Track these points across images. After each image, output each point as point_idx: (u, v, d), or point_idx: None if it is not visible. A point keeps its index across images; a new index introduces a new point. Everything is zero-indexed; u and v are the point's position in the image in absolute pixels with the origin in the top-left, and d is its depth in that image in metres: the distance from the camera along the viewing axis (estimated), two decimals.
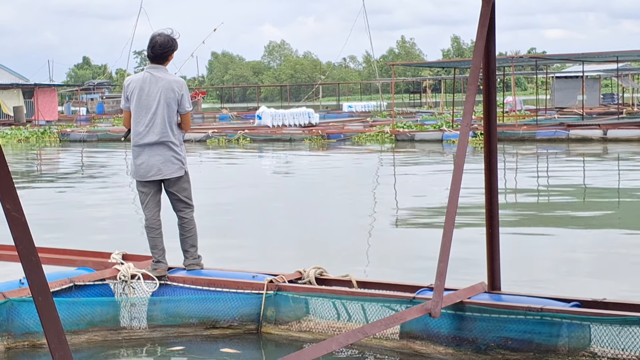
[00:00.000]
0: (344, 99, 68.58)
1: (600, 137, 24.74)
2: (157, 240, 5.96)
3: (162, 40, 5.93)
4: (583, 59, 31.52)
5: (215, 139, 29.42)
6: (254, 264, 7.13)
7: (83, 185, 16.64)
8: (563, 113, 38.06)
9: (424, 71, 73.56)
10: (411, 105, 59.66)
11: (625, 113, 35.05)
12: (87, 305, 5.54)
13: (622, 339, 4.52)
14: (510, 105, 38.69)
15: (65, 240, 8.59)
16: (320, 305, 5.46)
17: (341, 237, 9.75)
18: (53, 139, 33.39)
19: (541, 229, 9.98)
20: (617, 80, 46.30)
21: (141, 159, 5.90)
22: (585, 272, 7.57)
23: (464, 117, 4.94)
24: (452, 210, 4.80)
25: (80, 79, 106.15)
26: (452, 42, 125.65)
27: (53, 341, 2.57)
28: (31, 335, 5.29)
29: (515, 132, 26.10)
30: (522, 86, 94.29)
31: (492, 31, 5.06)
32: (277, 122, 32.63)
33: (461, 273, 6.45)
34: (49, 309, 2.56)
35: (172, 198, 6.01)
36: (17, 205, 2.57)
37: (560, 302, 4.89)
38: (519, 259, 7.92)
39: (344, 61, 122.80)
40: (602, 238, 9.19)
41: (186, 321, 5.63)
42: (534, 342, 4.74)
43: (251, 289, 5.64)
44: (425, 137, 27.22)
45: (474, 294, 5.11)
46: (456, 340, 4.95)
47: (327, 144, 27.56)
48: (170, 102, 5.88)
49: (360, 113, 50.29)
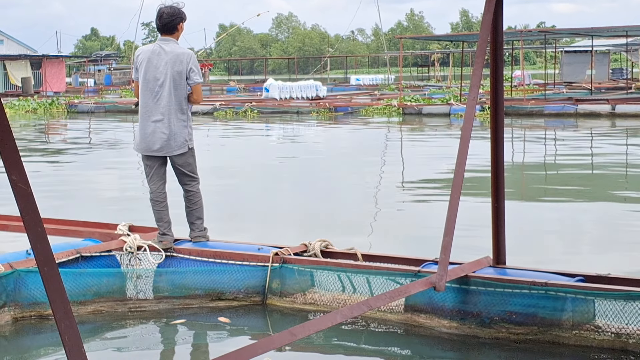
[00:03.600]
0: (352, 72, 68.26)
1: (608, 112, 24.62)
2: (162, 213, 5.98)
3: (168, 11, 5.92)
4: (592, 34, 31.27)
5: (222, 111, 29.38)
6: (260, 237, 7.16)
7: (90, 157, 16.67)
8: (572, 88, 37.83)
9: (432, 44, 73.19)
10: (419, 79, 59.39)
11: (634, 88, 34.81)
12: (93, 276, 5.57)
13: (626, 314, 4.53)
14: (519, 80, 38.48)
15: (72, 212, 8.63)
16: (325, 278, 5.49)
17: (347, 210, 9.76)
18: (61, 110, 33.41)
19: (547, 203, 9.98)
20: (627, 55, 45.95)
21: (145, 133, 5.90)
22: (590, 247, 7.58)
23: (471, 90, 4.91)
24: (457, 184, 4.80)
25: (88, 50, 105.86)
26: (461, 16, 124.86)
27: (59, 312, 2.59)
28: (38, 306, 5.33)
29: (524, 107, 25.98)
30: (530, 60, 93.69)
31: (499, 4, 5.02)
32: (285, 94, 32.57)
33: (466, 247, 6.46)
34: (54, 279, 2.58)
35: (177, 172, 6.02)
36: (23, 176, 2.58)
37: (565, 277, 4.90)
38: (524, 233, 7.93)
39: (352, 34, 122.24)
40: (608, 213, 9.18)
41: (192, 293, 5.66)
42: (538, 316, 4.75)
43: (257, 261, 5.66)
44: (432, 110, 27.14)
45: (478, 268, 5.12)
46: (460, 313, 4.97)
47: (335, 116, 27.51)
48: (178, 75, 5.85)
49: (368, 86, 50.09)
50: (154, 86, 5.88)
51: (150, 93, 5.90)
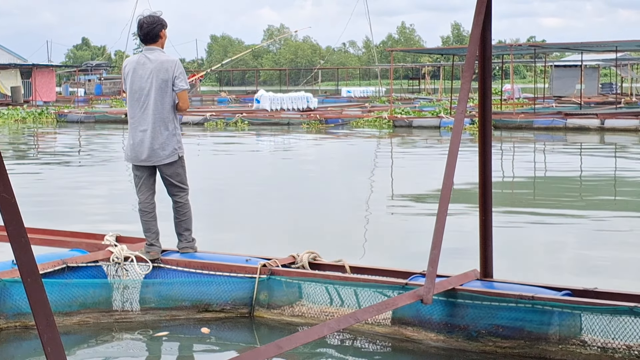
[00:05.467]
0: (343, 84, 68.44)
1: (597, 127, 24.71)
2: (150, 223, 5.96)
3: (148, 20, 5.95)
4: (582, 48, 31.46)
5: (213, 122, 29.36)
6: (248, 248, 7.13)
7: (78, 167, 16.61)
8: (561, 102, 38.00)
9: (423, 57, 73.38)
10: (410, 92, 59.51)
11: (624, 103, 35.02)
12: (79, 286, 5.53)
13: (613, 328, 4.53)
14: (509, 93, 38.63)
15: (59, 222, 8.59)
16: (313, 290, 5.47)
17: (336, 222, 9.75)
18: (50, 120, 33.31)
19: (534, 217, 9.99)
20: (616, 70, 46.21)
21: (134, 142, 5.89)
22: (577, 261, 7.59)
23: (459, 104, 4.93)
24: (445, 197, 4.80)
25: (79, 59, 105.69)
26: (452, 29, 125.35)
27: (41, 323, 2.57)
28: (23, 317, 5.29)
29: (513, 120, 26.07)
30: (520, 74, 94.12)
31: (488, 19, 5.04)
32: (276, 106, 32.57)
33: (454, 260, 6.46)
34: (37, 291, 2.56)
35: (166, 182, 5.99)
36: (7, 186, 2.56)
37: (552, 291, 4.90)
38: (512, 247, 7.93)
39: (344, 46, 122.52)
40: (595, 227, 9.20)
41: (179, 304, 5.63)
42: (525, 330, 4.75)
43: (244, 273, 5.65)
44: (423, 123, 27.18)
45: (466, 281, 5.12)
46: (447, 326, 4.96)
47: (325, 128, 27.52)
48: (163, 83, 5.84)
49: (359, 98, 50.20)
50: (140, 96, 5.88)
51: (137, 103, 5.90)
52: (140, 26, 5.95)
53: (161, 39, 5.98)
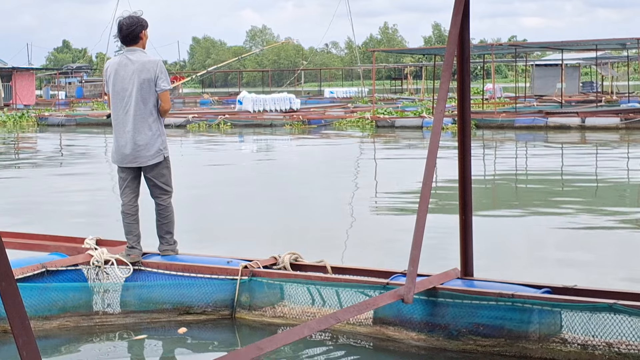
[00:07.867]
0: (326, 84, 68.47)
1: (578, 125, 24.88)
2: (132, 226, 5.93)
3: (127, 21, 5.91)
4: (562, 47, 31.65)
5: (195, 124, 29.28)
6: (230, 250, 7.12)
7: (59, 170, 16.51)
8: (542, 101, 38.23)
9: (405, 58, 73.59)
10: (392, 92, 59.64)
11: (604, 101, 35.26)
12: (59, 290, 5.50)
13: (593, 325, 4.55)
14: (490, 93, 38.81)
15: (39, 226, 8.53)
16: (294, 291, 5.47)
17: (317, 222, 9.75)
18: (31, 123, 33.10)
19: (514, 214, 10.04)
20: (597, 69, 46.53)
21: (119, 144, 5.87)
22: (557, 258, 7.63)
23: (438, 104, 4.94)
24: (425, 197, 4.81)
25: (60, 62, 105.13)
26: (434, 29, 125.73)
27: (17, 327, 2.55)
28: (2, 320, 5.25)
29: (494, 120, 26.19)
30: (502, 74, 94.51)
31: (466, 19, 5.06)
32: (258, 107, 32.53)
33: (435, 259, 6.47)
34: (12, 294, 2.54)
35: (149, 184, 5.96)
36: None
37: (532, 289, 4.92)
38: (492, 245, 7.96)
39: (327, 47, 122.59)
40: (575, 224, 9.25)
41: (160, 307, 5.61)
42: (505, 328, 4.77)
43: (225, 275, 5.63)
44: (405, 123, 27.26)
45: (446, 280, 5.13)
46: (428, 326, 4.97)
47: (308, 129, 27.52)
48: (146, 83, 5.82)
49: (341, 99, 50.22)
50: (122, 97, 5.86)
51: (120, 104, 5.87)
52: (120, 28, 5.92)
53: (142, 39, 5.95)
